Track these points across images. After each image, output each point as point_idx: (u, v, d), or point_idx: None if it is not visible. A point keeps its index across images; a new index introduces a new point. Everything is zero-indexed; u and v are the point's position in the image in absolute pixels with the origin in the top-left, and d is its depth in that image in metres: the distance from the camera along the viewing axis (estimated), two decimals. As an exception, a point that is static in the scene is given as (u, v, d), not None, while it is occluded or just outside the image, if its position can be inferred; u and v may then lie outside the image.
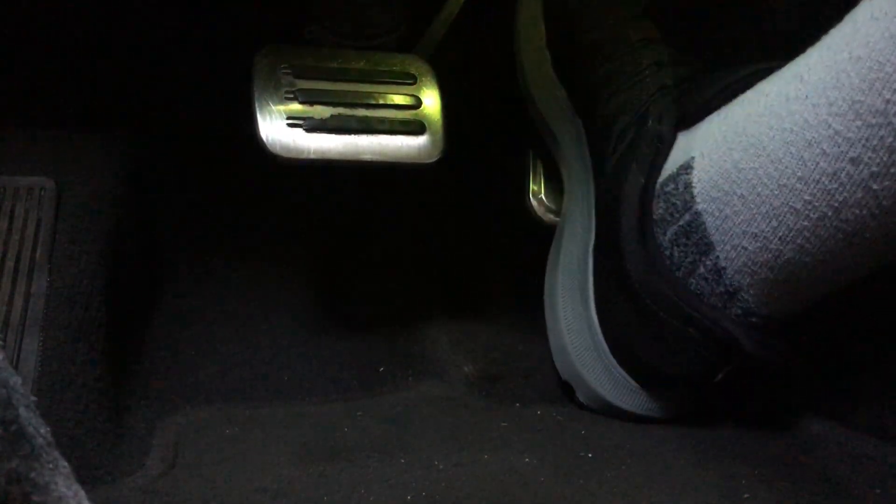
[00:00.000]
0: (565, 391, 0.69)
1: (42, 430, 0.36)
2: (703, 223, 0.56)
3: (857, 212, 0.48)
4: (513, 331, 0.75)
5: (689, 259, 0.57)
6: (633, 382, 0.64)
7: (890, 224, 0.48)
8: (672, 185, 0.58)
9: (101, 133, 0.72)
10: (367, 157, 0.66)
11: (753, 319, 0.56)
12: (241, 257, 0.76)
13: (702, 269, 0.56)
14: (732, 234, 0.54)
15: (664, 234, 0.58)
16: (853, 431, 0.62)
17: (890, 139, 0.46)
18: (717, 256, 0.55)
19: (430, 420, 0.64)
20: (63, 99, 0.75)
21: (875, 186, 0.47)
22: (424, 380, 0.70)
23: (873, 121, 0.46)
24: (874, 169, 0.47)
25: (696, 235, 0.56)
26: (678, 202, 0.57)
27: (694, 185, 0.56)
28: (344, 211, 0.81)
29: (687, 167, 0.57)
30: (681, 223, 0.57)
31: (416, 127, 0.68)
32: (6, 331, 0.58)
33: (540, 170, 0.78)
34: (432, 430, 0.62)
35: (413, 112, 0.69)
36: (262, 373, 0.69)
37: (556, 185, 0.77)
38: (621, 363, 0.64)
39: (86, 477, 0.55)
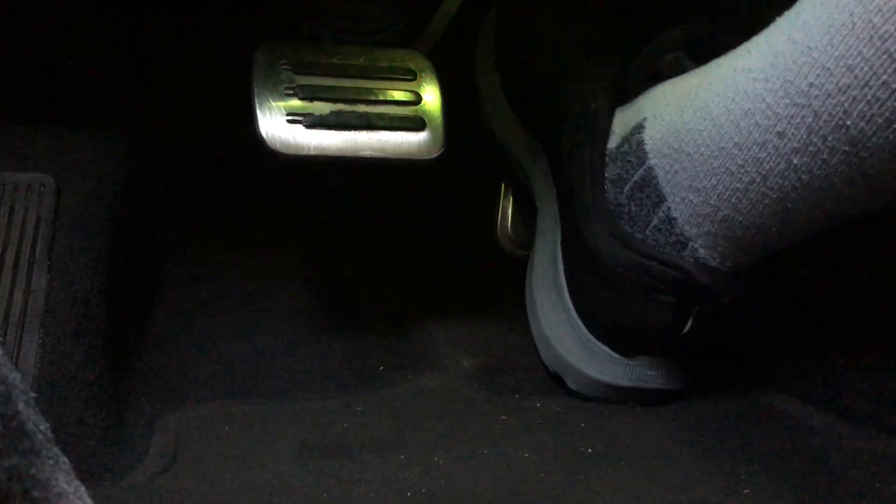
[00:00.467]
0: (557, 382, 0.69)
1: (42, 427, 0.36)
2: (656, 176, 0.60)
3: (781, 181, 0.53)
4: (512, 326, 0.75)
5: (644, 211, 0.61)
6: (613, 353, 0.65)
7: (808, 196, 0.52)
8: (626, 146, 0.62)
9: (101, 130, 0.72)
10: (367, 153, 0.66)
11: (704, 265, 0.60)
12: (240, 254, 0.76)
13: (655, 221, 0.60)
14: (681, 188, 0.59)
15: (621, 192, 0.62)
16: (853, 425, 0.62)
17: (809, 119, 0.49)
18: (669, 207, 0.60)
19: (429, 414, 0.64)
20: (62, 96, 0.75)
21: (795, 161, 0.51)
22: (423, 375, 0.70)
23: (798, 101, 0.50)
24: (795, 144, 0.51)
25: (649, 188, 0.60)
26: (633, 159, 0.61)
27: (646, 142, 0.61)
28: (343, 208, 0.81)
29: (639, 127, 0.62)
30: (635, 178, 0.61)
31: (416, 123, 0.67)
32: (6, 327, 0.58)
33: (510, 206, 0.81)
34: (431, 424, 0.62)
35: (413, 108, 0.68)
36: (261, 370, 0.69)
37: (526, 220, 0.80)
38: (597, 336, 0.66)
39: (85, 473, 0.55)
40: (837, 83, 0.48)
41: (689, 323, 0.61)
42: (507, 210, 0.81)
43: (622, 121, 0.64)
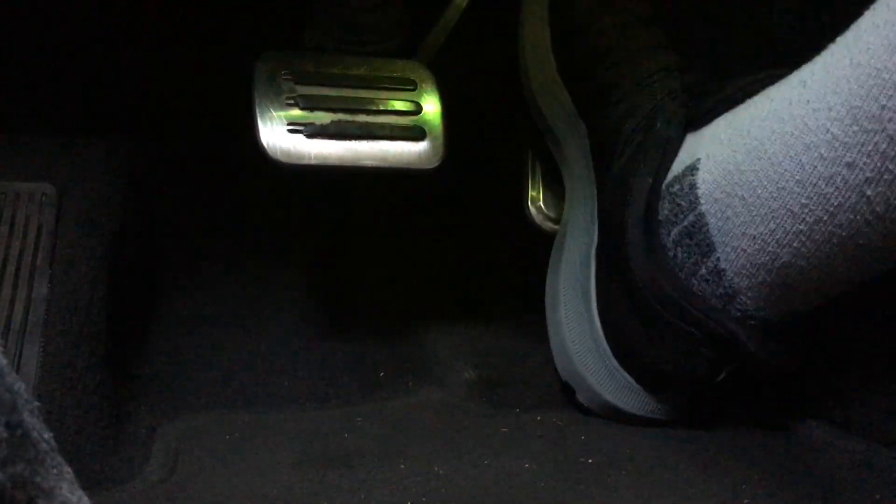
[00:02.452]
0: (566, 393, 0.69)
1: (46, 436, 0.36)
2: (706, 224, 0.57)
3: (852, 216, 0.49)
4: (513, 336, 0.75)
5: (691, 260, 0.57)
6: (634, 384, 0.64)
7: (883, 230, 0.49)
8: (678, 186, 0.59)
9: (102, 139, 0.72)
10: (368, 162, 0.66)
11: (752, 322, 0.57)
12: (242, 263, 0.76)
13: (703, 271, 0.57)
14: (733, 236, 0.55)
15: (668, 234, 0.59)
16: (856, 438, 0.62)
17: (884, 145, 0.46)
18: (718, 258, 0.56)
19: (430, 425, 0.64)
20: (64, 105, 0.75)
21: (869, 192, 0.47)
22: (424, 385, 0.70)
23: (869, 126, 0.46)
24: (868, 174, 0.47)
25: (698, 236, 0.57)
26: (683, 203, 0.58)
27: (698, 185, 0.57)
28: (344, 217, 0.81)
29: (692, 168, 0.58)
30: (685, 224, 0.58)
31: (416, 133, 0.68)
32: (7, 336, 0.58)
33: (539, 177, 0.78)
34: (432, 435, 0.62)
35: (413, 118, 0.69)
36: (262, 379, 0.69)
37: (555, 193, 0.77)
38: (623, 364, 0.64)
39: (86, 482, 0.54)
40: None
41: (723, 376, 0.59)
42: (538, 183, 0.78)
43: (678, 157, 0.61)
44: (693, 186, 0.57)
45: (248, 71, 0.67)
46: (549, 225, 0.77)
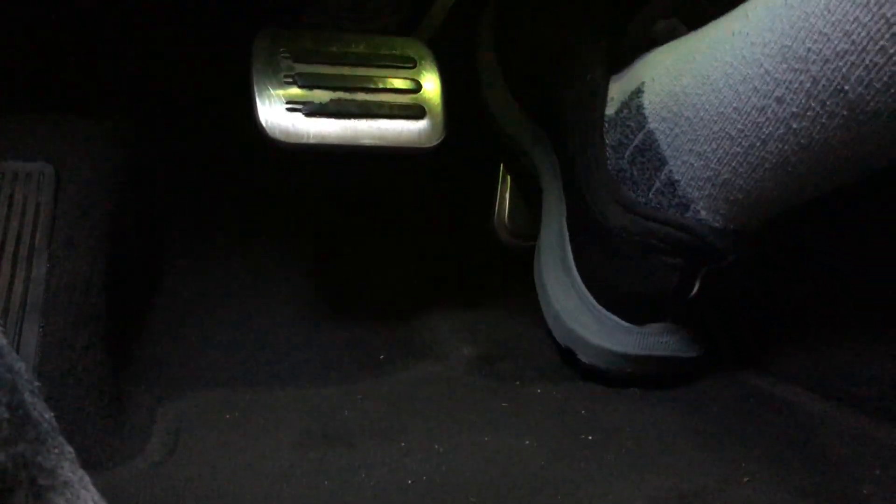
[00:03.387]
0: (568, 359, 0.70)
1: (47, 416, 0.36)
2: (656, 140, 0.61)
3: (780, 146, 0.53)
4: (512, 313, 0.76)
5: (646, 175, 0.61)
6: (622, 322, 0.66)
7: (808, 160, 0.53)
8: (626, 111, 0.63)
9: (101, 119, 0.71)
10: (367, 141, 0.66)
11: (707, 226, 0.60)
12: (242, 243, 0.76)
13: (658, 184, 0.61)
14: (681, 151, 0.59)
15: (622, 157, 0.63)
16: (854, 411, 0.63)
17: (808, 84, 0.50)
18: (671, 170, 0.60)
19: (429, 402, 0.64)
20: (62, 85, 0.75)
21: (794, 125, 0.52)
22: (424, 362, 0.71)
23: (796, 66, 0.50)
24: (794, 109, 0.51)
25: (650, 152, 0.61)
26: (632, 124, 0.62)
27: (645, 106, 0.61)
28: (343, 198, 0.81)
29: (638, 92, 0.62)
30: (636, 143, 0.62)
31: (415, 111, 0.67)
32: (6, 316, 0.58)
33: (507, 195, 0.81)
34: (432, 411, 0.63)
35: (413, 96, 0.68)
36: (262, 358, 0.69)
37: (526, 209, 0.81)
38: (607, 306, 0.66)
39: (87, 462, 0.55)
40: (835, 49, 0.48)
41: (697, 285, 0.61)
42: (505, 199, 0.81)
43: (620, 87, 0.64)
44: (640, 108, 0.62)
45: (247, 49, 0.67)
46: (515, 242, 0.81)
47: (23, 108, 0.70)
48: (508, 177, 0.81)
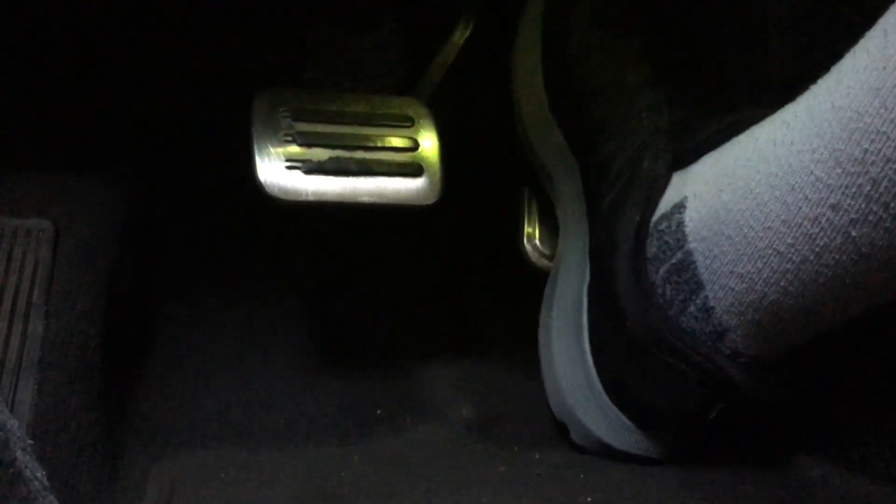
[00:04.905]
0: (560, 432, 0.69)
1: (38, 474, 0.35)
2: (694, 262, 0.57)
3: (837, 257, 0.49)
4: (511, 373, 0.75)
5: (680, 297, 0.58)
6: (627, 421, 0.64)
7: (868, 269, 0.49)
8: (666, 224, 0.59)
9: (99, 176, 0.72)
10: (366, 199, 0.66)
11: (742, 359, 0.57)
12: (238, 299, 0.76)
13: (692, 308, 0.57)
14: (721, 274, 0.55)
15: (657, 272, 0.59)
16: (854, 475, 0.62)
17: (867, 187, 0.46)
18: (707, 296, 0.56)
19: (427, 464, 0.63)
20: (61, 142, 0.75)
21: (853, 233, 0.48)
22: (422, 422, 0.70)
23: (852, 169, 0.47)
24: (853, 216, 0.47)
25: (686, 274, 0.57)
26: (671, 240, 0.58)
27: (686, 224, 0.57)
28: (341, 253, 0.81)
29: (680, 206, 0.58)
30: (673, 261, 0.58)
31: (414, 169, 0.68)
32: (1, 373, 0.58)
33: (535, 214, 0.78)
34: (430, 474, 0.62)
35: (411, 154, 0.69)
36: (258, 416, 0.68)
37: (551, 229, 0.77)
38: (615, 401, 0.64)
39: (79, 522, 0.55)
40: (895, 147, 0.45)
41: (715, 412, 0.59)
42: (535, 221, 0.78)
43: (666, 195, 0.61)
44: (681, 224, 0.58)
45: (247, 107, 0.68)
46: (544, 262, 0.76)
47: (22, 164, 0.71)
48: (534, 200, 0.78)
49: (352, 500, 0.58)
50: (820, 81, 0.50)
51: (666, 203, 0.60)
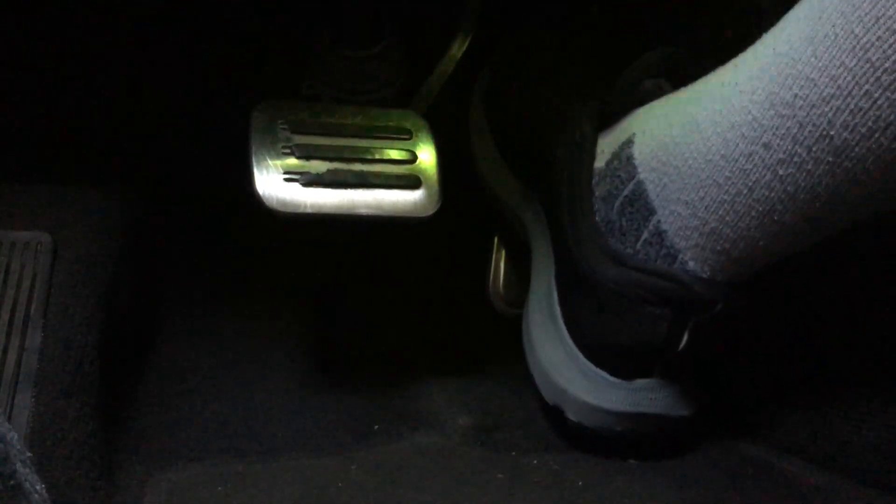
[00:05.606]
0: (556, 419, 0.69)
1: (38, 487, 0.35)
2: (645, 190, 0.61)
3: (767, 193, 0.53)
4: (507, 382, 0.75)
5: (635, 225, 0.62)
6: (610, 377, 0.65)
7: (794, 209, 0.53)
8: (616, 162, 0.63)
9: (98, 188, 0.72)
10: (363, 211, 0.66)
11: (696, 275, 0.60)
12: (236, 313, 0.76)
13: (646, 234, 0.61)
14: (670, 201, 0.59)
15: (611, 208, 0.63)
16: (853, 482, 0.62)
17: (794, 129, 0.50)
18: (659, 220, 0.60)
19: (425, 473, 0.63)
20: (60, 154, 0.75)
21: (781, 172, 0.52)
22: (419, 432, 0.70)
23: (783, 112, 0.51)
24: (781, 156, 0.52)
25: (639, 202, 0.61)
26: (622, 174, 0.62)
27: (635, 157, 0.62)
28: (338, 266, 0.81)
29: (628, 143, 0.63)
30: (626, 193, 0.62)
31: (411, 181, 0.68)
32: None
33: (502, 263, 0.81)
34: (428, 483, 0.62)
35: (409, 167, 0.69)
36: (255, 429, 0.68)
37: (518, 279, 0.81)
38: (595, 361, 0.65)
39: (76, 535, 0.55)
40: (821, 94, 0.49)
41: (686, 337, 0.61)
42: (500, 268, 0.81)
43: (609, 140, 0.65)
44: (630, 158, 0.62)
45: (245, 120, 0.68)
46: (510, 311, 0.80)
47: (21, 177, 0.71)
48: (503, 248, 0.81)
49: (350, 513, 0.58)
50: (770, 29, 0.54)
51: (612, 145, 0.64)
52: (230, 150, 0.68)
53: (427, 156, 0.70)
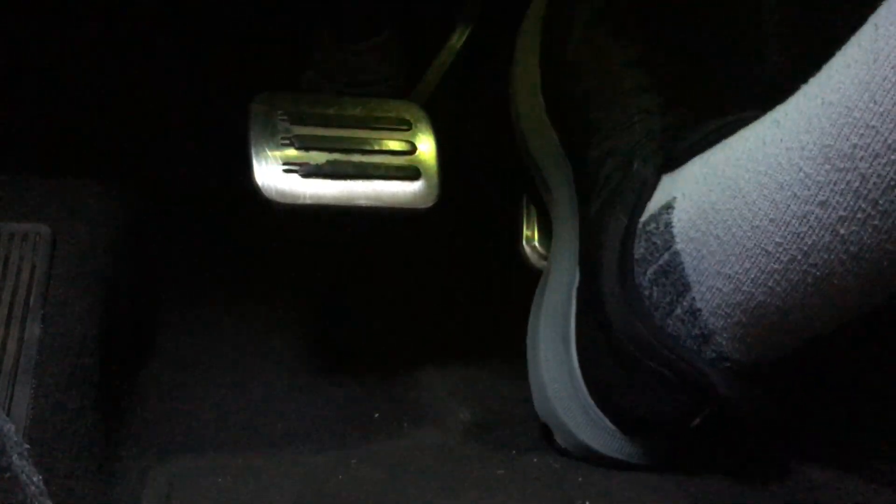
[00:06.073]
0: (544, 434, 0.68)
1: (35, 479, 0.35)
2: (681, 263, 0.56)
3: (826, 256, 0.49)
4: (509, 377, 0.75)
5: (667, 299, 0.57)
6: (610, 426, 0.63)
7: (858, 270, 0.49)
8: (653, 225, 0.59)
9: (97, 180, 0.72)
10: (363, 202, 0.66)
11: (727, 364, 0.57)
12: (236, 305, 0.76)
13: (679, 311, 0.57)
14: (708, 275, 0.55)
15: (644, 273, 0.59)
16: (854, 479, 0.62)
17: (856, 183, 0.46)
18: (694, 297, 0.56)
19: (425, 469, 0.63)
20: (59, 146, 0.75)
21: (842, 231, 0.47)
22: (420, 427, 0.70)
23: (841, 165, 0.46)
24: (841, 213, 0.47)
25: (674, 275, 0.57)
26: (658, 241, 0.58)
27: (674, 224, 0.57)
28: (338, 258, 0.81)
29: (668, 207, 0.58)
30: (660, 262, 0.57)
31: (411, 173, 0.68)
32: (-2, 378, 0.57)
33: (534, 216, 0.78)
34: (428, 479, 0.62)
35: (408, 158, 0.69)
36: (255, 421, 0.68)
37: (549, 232, 0.77)
38: (599, 405, 0.63)
39: (76, 527, 0.55)
40: (885, 141, 0.45)
41: (698, 420, 0.58)
42: (533, 221, 0.78)
43: (655, 197, 0.61)
44: (668, 225, 0.57)
45: (245, 111, 0.68)
46: (543, 263, 0.76)
47: (20, 168, 0.71)
48: (532, 204, 0.78)
49: (350, 504, 0.58)
50: (811, 80, 0.50)
51: (654, 205, 0.60)
52: (230, 141, 0.68)
53: (426, 147, 0.70)
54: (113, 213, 0.71)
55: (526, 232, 0.78)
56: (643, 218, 0.60)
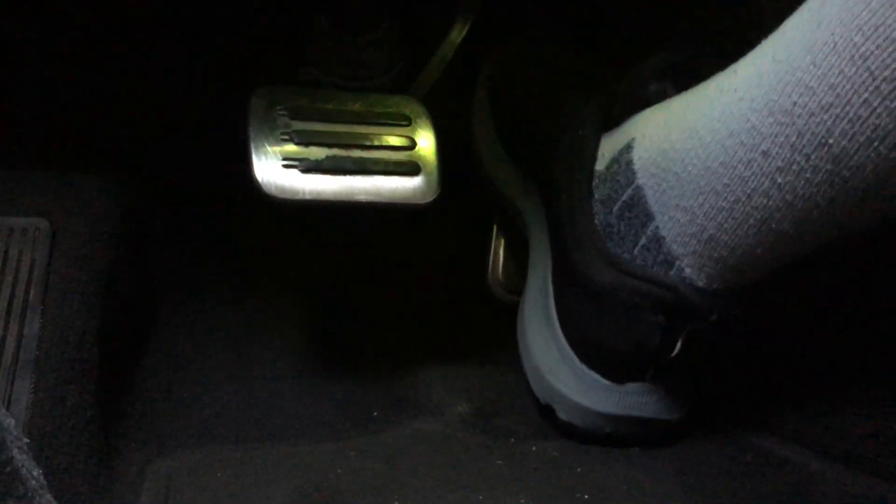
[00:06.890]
0: (547, 416, 0.69)
1: (35, 473, 0.35)
2: (644, 196, 0.61)
3: (765, 201, 0.53)
4: (506, 369, 0.75)
5: (633, 231, 0.61)
6: (602, 380, 0.65)
7: (793, 217, 0.52)
8: (615, 167, 0.63)
9: (96, 174, 0.72)
10: (362, 197, 0.66)
11: (691, 284, 0.60)
12: (235, 299, 0.76)
13: (643, 240, 0.61)
14: (668, 207, 0.59)
15: (610, 212, 0.63)
16: (851, 470, 0.62)
17: (793, 138, 0.50)
18: (657, 226, 0.60)
19: (424, 459, 0.63)
20: (59, 141, 0.75)
21: (779, 179, 0.52)
22: (418, 419, 0.70)
23: (782, 119, 0.50)
24: (779, 164, 0.51)
25: (637, 208, 0.61)
26: (621, 179, 0.62)
27: (634, 162, 0.62)
28: (337, 254, 0.81)
29: (628, 147, 0.62)
30: (624, 198, 0.62)
31: (410, 168, 0.68)
32: (-2, 372, 0.58)
33: (501, 251, 0.81)
34: (427, 469, 0.62)
35: (408, 153, 0.69)
36: (255, 415, 0.68)
37: (517, 268, 0.81)
38: (588, 363, 0.66)
39: (76, 521, 0.55)
40: (820, 102, 0.48)
41: (679, 345, 0.61)
42: (499, 255, 0.81)
43: (610, 143, 0.65)
44: (629, 163, 0.62)
45: (244, 106, 0.68)
46: (509, 298, 0.80)
47: (20, 163, 0.71)
48: (502, 236, 0.81)
49: (349, 496, 0.58)
50: (770, 36, 0.54)
51: (612, 149, 0.64)
52: (228, 137, 0.68)
53: (426, 142, 0.70)
54: (112, 208, 0.71)
55: (492, 266, 0.81)
56: (601, 166, 0.64)
